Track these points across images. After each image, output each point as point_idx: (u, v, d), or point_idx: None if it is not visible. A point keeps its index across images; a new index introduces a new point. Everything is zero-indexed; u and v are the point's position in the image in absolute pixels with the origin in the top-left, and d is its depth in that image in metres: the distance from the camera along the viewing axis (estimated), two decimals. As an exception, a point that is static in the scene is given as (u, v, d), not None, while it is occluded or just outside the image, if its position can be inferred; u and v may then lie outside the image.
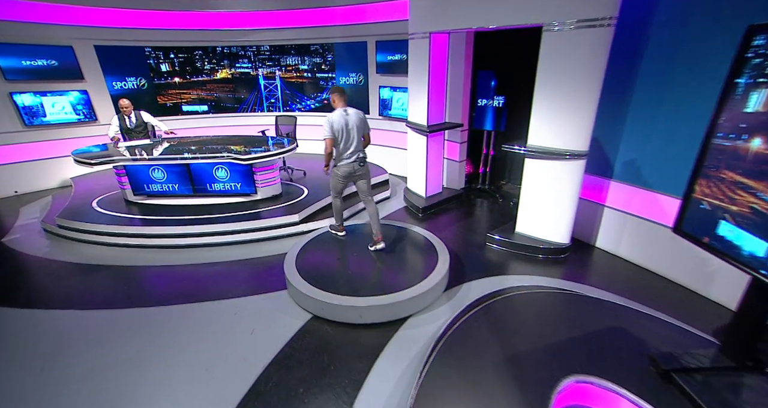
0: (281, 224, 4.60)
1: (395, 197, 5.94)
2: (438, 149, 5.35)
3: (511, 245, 4.24)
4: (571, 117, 3.47)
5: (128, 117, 5.47)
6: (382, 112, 6.71)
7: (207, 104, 7.51)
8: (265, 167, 4.91)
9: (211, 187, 4.99)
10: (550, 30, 3.34)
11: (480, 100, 5.38)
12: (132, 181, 4.90)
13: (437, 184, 5.62)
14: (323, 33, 6.74)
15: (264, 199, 5.09)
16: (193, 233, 4.41)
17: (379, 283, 3.36)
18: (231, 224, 4.48)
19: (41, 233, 4.74)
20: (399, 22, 5.87)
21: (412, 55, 5.03)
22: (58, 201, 5.46)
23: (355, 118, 3.68)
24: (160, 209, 4.85)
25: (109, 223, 4.45)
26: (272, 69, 7.23)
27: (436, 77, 4.81)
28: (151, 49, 6.82)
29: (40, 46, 5.98)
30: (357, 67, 6.74)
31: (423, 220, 5.13)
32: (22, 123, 6.10)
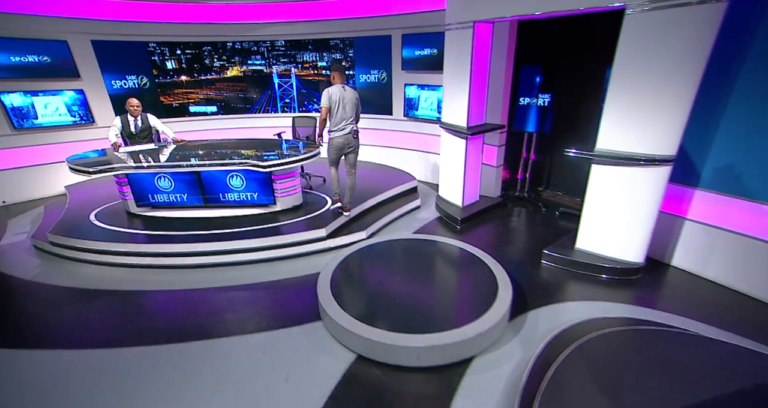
0: (306, 240, 4.10)
1: (426, 207, 5.45)
2: (477, 153, 4.86)
3: (570, 263, 3.75)
4: (658, 116, 2.98)
5: (134, 119, 4.95)
6: (407, 113, 6.22)
7: (216, 105, 7.02)
8: (286, 174, 4.41)
9: (224, 197, 4.48)
10: (636, 11, 2.85)
11: (522, 99, 4.90)
12: (135, 190, 4.39)
13: (474, 192, 5.12)
14: (342, 26, 6.26)
15: (284, 210, 4.58)
16: (205, 251, 3.91)
17: (435, 314, 2.85)
18: (249, 240, 3.97)
19: (31, 251, 4.22)
20: (429, 13, 5.41)
21: (449, 49, 4.55)
22: (51, 213, 4.95)
23: (351, 95, 4.20)
24: (166, 223, 4.34)
25: (109, 240, 3.93)
26: (287, 66, 6.75)
27: (478, 73, 4.33)
28: (155, 44, 6.32)
29: (31, 41, 5.48)
30: (379, 63, 6.26)
31: (461, 232, 4.63)
32: (11, 126, 5.59)
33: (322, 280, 3.27)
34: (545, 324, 2.98)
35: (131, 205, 4.49)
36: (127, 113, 4.92)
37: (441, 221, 4.98)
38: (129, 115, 4.92)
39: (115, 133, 4.89)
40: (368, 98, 6.59)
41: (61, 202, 5.41)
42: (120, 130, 4.97)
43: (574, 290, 3.45)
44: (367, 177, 5.86)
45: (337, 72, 4.18)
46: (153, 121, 5.10)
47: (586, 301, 3.26)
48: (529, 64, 4.77)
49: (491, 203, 5.16)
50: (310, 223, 4.30)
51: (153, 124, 5.09)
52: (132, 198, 4.44)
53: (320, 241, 4.17)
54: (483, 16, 3.94)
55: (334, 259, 3.62)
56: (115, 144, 4.80)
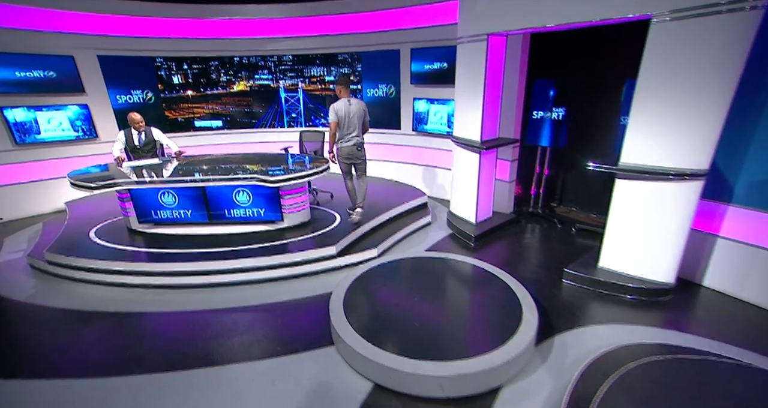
0: (316, 258, 3.93)
1: (437, 223, 5.29)
2: (490, 168, 4.73)
3: (594, 283, 3.56)
4: (689, 128, 2.86)
5: (138, 133, 4.86)
6: (416, 127, 6.14)
7: (222, 119, 6.96)
8: (294, 190, 4.27)
9: (230, 213, 4.34)
10: (662, 21, 2.76)
11: (535, 113, 4.81)
12: (137, 206, 4.25)
13: (488, 208, 4.98)
14: (350, 41, 6.25)
15: (291, 227, 4.43)
16: (209, 270, 3.73)
17: (457, 339, 2.66)
18: (255, 259, 3.80)
19: (26, 270, 4.05)
20: (439, 28, 5.38)
21: (461, 62, 4.49)
22: (50, 230, 4.79)
23: (357, 108, 4.34)
24: (169, 240, 4.18)
25: (109, 258, 3.76)
26: (294, 81, 6.70)
27: (492, 86, 4.25)
28: (162, 59, 6.30)
29: (36, 56, 5.45)
30: (387, 77, 6.22)
31: (476, 250, 4.47)
32: (13, 141, 5.50)
33: (335, 302, 3.09)
34: (575, 350, 2.78)
35: (133, 221, 4.34)
36: (131, 127, 4.83)
37: (453, 238, 4.82)
38: (132, 129, 4.83)
39: (120, 148, 4.79)
40: (376, 113, 6.50)
41: (60, 219, 5.26)
42: (124, 145, 4.87)
43: (600, 312, 3.25)
44: (375, 193, 5.73)
45: (343, 86, 4.29)
46: (157, 135, 5.00)
47: (615, 324, 3.07)
48: (542, 77, 4.70)
49: (505, 219, 5.00)
50: (318, 241, 4.13)
51: (157, 137, 5.00)
52: (134, 214, 4.29)
53: (330, 260, 4.00)
54: (497, 29, 3.88)
55: (347, 279, 3.44)
56: (118, 158, 4.69)
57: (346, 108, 4.24)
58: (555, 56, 4.80)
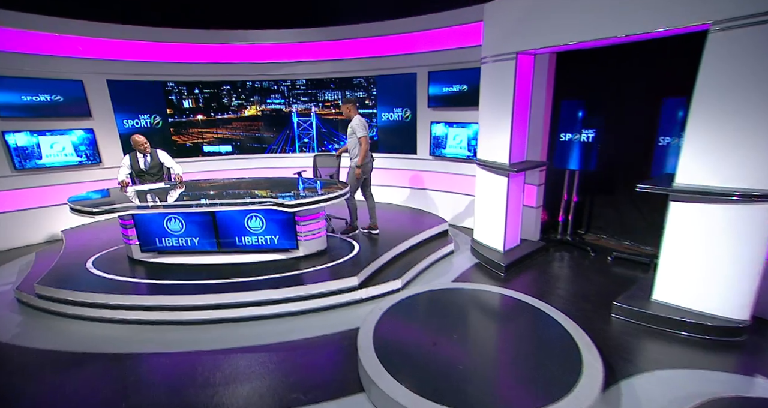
0: (336, 290, 3.57)
1: (459, 251, 4.96)
2: (519, 193, 4.48)
3: (649, 318, 3.20)
4: (755, 144, 2.62)
5: (144, 156, 4.65)
6: (433, 152, 5.94)
7: (231, 144, 6.79)
8: (311, 215, 3.99)
9: (241, 240, 4.02)
10: (721, 30, 2.59)
11: (563, 135, 4.62)
12: (141, 233, 3.94)
13: (515, 236, 4.67)
14: (365, 65, 6.19)
15: (307, 256, 4.10)
16: (218, 304, 3.38)
17: (512, 386, 2.28)
18: (269, 291, 3.45)
19: (13, 305, 3.66)
20: (458, 50, 5.30)
21: (486, 83, 4.35)
22: (43, 260, 4.45)
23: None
24: (174, 270, 3.84)
25: (106, 291, 3.41)
26: (308, 105, 6.58)
27: (520, 107, 4.07)
28: (173, 83, 6.20)
29: (45, 80, 5.33)
30: (403, 101, 6.10)
31: (507, 280, 4.12)
32: (12, 166, 5.26)
33: (363, 340, 2.73)
34: (651, 402, 2.38)
35: (135, 250, 4.01)
36: (135, 150, 4.62)
37: (480, 268, 4.48)
38: (137, 152, 4.62)
39: (125, 173, 4.57)
40: (391, 137, 6.38)
41: (55, 249, 4.92)
42: (129, 169, 4.64)
43: (663, 353, 2.88)
44: (393, 220, 5.45)
45: (354, 104, 4.48)
46: (163, 158, 4.81)
47: (688, 369, 2.68)
48: (569, 98, 4.54)
49: (534, 247, 4.68)
50: (337, 271, 3.80)
51: (163, 160, 4.79)
52: (137, 242, 3.97)
53: (351, 292, 3.64)
54: (528, 47, 3.74)
55: (373, 314, 3.09)
56: (122, 183, 4.44)
57: (366, 123, 4.48)
58: (583, 76, 4.67)
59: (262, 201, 3.67)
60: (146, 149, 4.62)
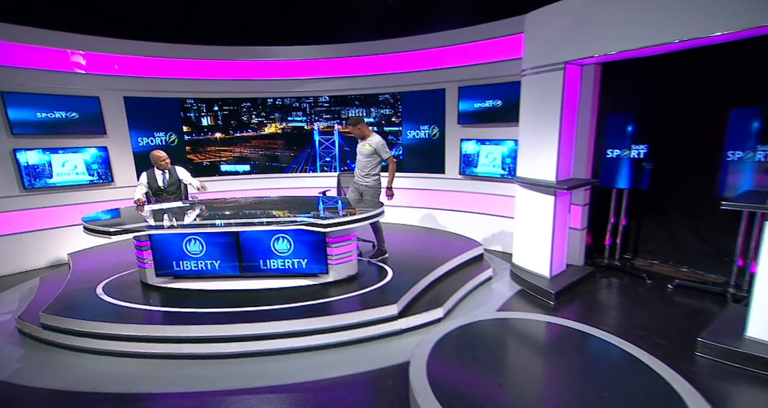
0: (373, 320, 3.26)
1: (497, 277, 4.64)
2: (565, 213, 4.21)
3: (743, 359, 2.82)
4: None
5: (163, 173, 4.47)
6: (463, 171, 5.73)
7: (250, 163, 6.64)
8: (343, 237, 3.72)
9: (266, 264, 3.75)
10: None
11: (610, 151, 4.39)
12: (157, 256, 3.69)
13: (561, 260, 4.37)
14: (390, 81, 6.10)
15: (337, 281, 3.80)
16: (243, 336, 3.06)
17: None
18: (299, 321, 3.14)
19: (13, 337, 3.35)
20: (490, 64, 5.19)
21: (527, 96, 4.18)
22: (48, 286, 4.18)
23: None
24: (192, 297, 3.55)
25: (120, 321, 3.11)
26: (330, 123, 6.45)
27: (567, 120, 3.88)
28: (193, 100, 6.12)
29: (61, 97, 5.25)
30: (430, 118, 5.96)
31: (557, 309, 3.79)
32: (21, 186, 5.09)
33: (417, 379, 2.39)
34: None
35: (149, 274, 3.74)
36: (153, 167, 4.45)
37: (525, 295, 4.15)
38: (156, 169, 4.45)
39: (142, 192, 4.38)
40: (417, 156, 6.21)
41: (61, 274, 4.67)
42: (147, 187, 4.45)
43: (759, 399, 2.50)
44: (424, 244, 5.19)
45: (365, 123, 4.45)
46: (182, 174, 4.65)
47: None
48: (616, 111, 4.35)
49: (582, 273, 4.35)
50: (372, 299, 3.50)
51: (181, 177, 4.63)
52: (152, 265, 3.71)
53: (390, 322, 3.32)
54: (578, 56, 3.57)
55: (422, 348, 2.75)
56: (138, 201, 4.23)
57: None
58: (631, 88, 4.48)
59: (293, 220, 3.41)
60: (167, 165, 4.45)
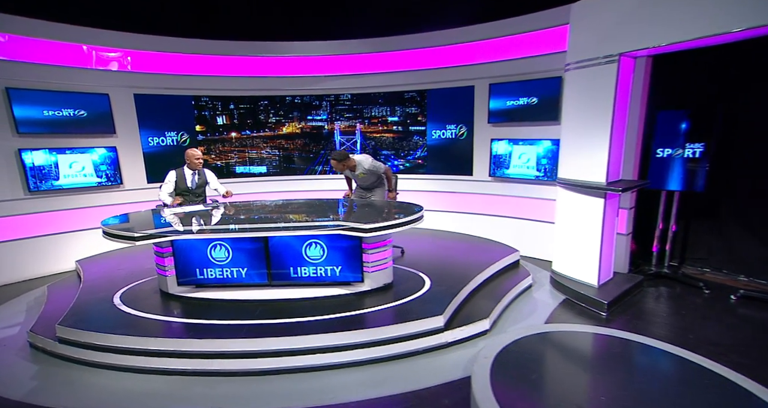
0: (417, 333, 3.07)
1: (537, 286, 4.46)
2: (613, 217, 4.04)
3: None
4: None
5: (193, 173, 4.33)
6: (494, 172, 5.56)
7: (266, 165, 6.51)
8: (380, 242, 3.55)
9: (297, 272, 3.58)
10: None
11: (660, 150, 4.23)
12: (180, 263, 3.52)
13: (609, 268, 4.18)
14: (415, 78, 5.97)
15: (373, 290, 3.62)
16: (278, 351, 2.88)
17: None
18: (337, 335, 2.96)
19: (24, 352, 3.16)
20: (525, 60, 5.06)
21: (572, 92, 4.04)
22: (58, 296, 4.01)
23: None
24: (218, 308, 3.38)
25: (142, 334, 2.93)
26: (352, 122, 6.30)
27: (619, 117, 3.72)
28: (207, 98, 5.99)
29: (68, 94, 5.10)
30: (457, 117, 5.82)
31: (610, 320, 3.61)
32: (26, 188, 4.93)
33: (484, 402, 2.20)
34: None
35: (170, 282, 3.56)
36: (183, 166, 4.30)
37: (571, 306, 3.97)
38: (186, 168, 4.30)
39: (169, 192, 4.23)
40: (443, 157, 6.07)
41: (69, 282, 4.51)
42: (173, 188, 4.32)
43: None
44: (455, 249, 5.02)
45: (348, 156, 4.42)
46: (210, 177, 4.53)
47: None
48: (667, 107, 4.19)
49: (632, 282, 4.17)
50: (413, 310, 3.32)
51: (209, 180, 4.51)
52: (173, 273, 3.53)
53: (434, 335, 3.14)
54: (637, 46, 3.40)
55: (481, 366, 2.56)
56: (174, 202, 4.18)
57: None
58: (685, 83, 4.30)
59: (333, 224, 3.24)
60: (200, 165, 4.33)
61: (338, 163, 4.32)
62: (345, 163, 4.34)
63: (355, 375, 2.86)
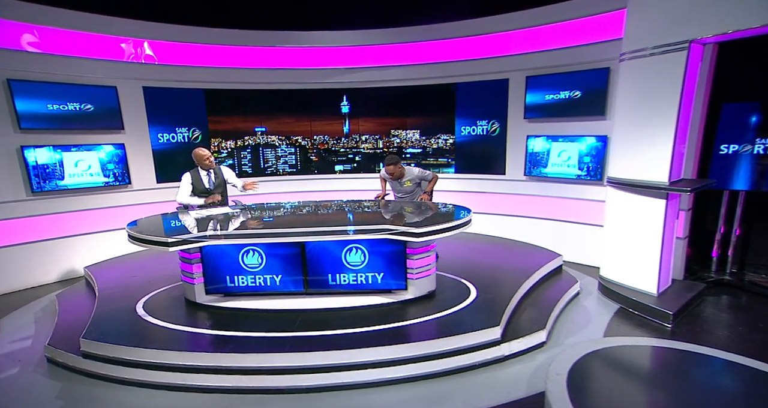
0: (473, 346, 2.97)
1: (585, 293, 4.37)
2: (674, 219, 3.93)
3: None
4: None
5: (208, 173, 4.24)
6: (530, 171, 5.48)
7: (282, 163, 6.48)
8: (425, 247, 3.45)
9: (335, 279, 3.48)
10: None
11: (724, 147, 4.15)
12: (209, 270, 3.41)
13: (667, 275, 4.09)
14: (443, 71, 5.89)
15: (417, 299, 3.52)
16: (322, 366, 2.77)
17: None
18: (387, 348, 2.86)
19: (43, 368, 3.03)
20: (567, 50, 5.00)
21: (627, 84, 3.96)
22: (70, 306, 3.90)
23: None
24: (253, 318, 3.27)
25: (175, 348, 2.82)
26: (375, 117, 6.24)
27: (684, 110, 3.62)
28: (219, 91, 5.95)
29: (74, 86, 5.01)
30: (489, 112, 5.74)
31: (677, 333, 3.50)
32: (29, 189, 4.82)
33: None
34: None
35: (198, 291, 3.45)
36: (197, 167, 4.21)
37: (627, 315, 3.87)
38: (200, 169, 4.21)
39: (187, 193, 4.13)
40: (472, 155, 6.02)
41: (78, 290, 4.41)
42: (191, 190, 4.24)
43: None
44: (494, 254, 4.96)
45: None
46: (227, 174, 4.44)
47: None
48: (735, 99, 4.09)
49: (694, 290, 4.06)
50: (464, 320, 3.23)
51: (227, 177, 4.41)
52: (201, 281, 3.42)
53: (490, 348, 3.03)
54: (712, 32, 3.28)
55: (555, 384, 2.46)
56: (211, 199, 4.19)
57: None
58: (755, 73, 4.19)
59: (378, 228, 3.13)
60: (211, 164, 4.22)
61: (395, 168, 4.35)
62: (399, 166, 4.39)
63: (410, 392, 2.77)
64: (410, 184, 4.54)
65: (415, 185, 4.58)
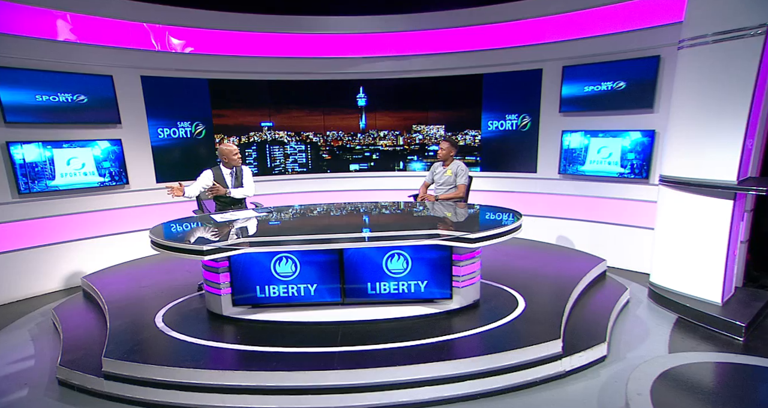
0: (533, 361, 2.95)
1: (635, 301, 4.38)
2: (739, 222, 3.96)
3: None
4: None
5: (231, 171, 4.19)
6: (564, 169, 5.49)
7: (292, 162, 6.50)
8: (472, 253, 3.43)
9: (375, 288, 3.44)
10: None
11: (790, 140, 4.16)
12: (238, 279, 3.34)
13: (731, 282, 4.11)
14: (469, 60, 5.92)
15: (463, 309, 3.50)
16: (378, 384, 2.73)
17: None
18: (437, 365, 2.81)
19: (55, 392, 2.91)
20: (610, 37, 5.03)
21: (687, 73, 3.95)
22: (72, 321, 3.80)
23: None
24: (289, 332, 3.21)
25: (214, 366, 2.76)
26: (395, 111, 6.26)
27: (757, 100, 3.62)
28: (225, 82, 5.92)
29: (66, 75, 4.92)
30: (519, 105, 5.78)
31: (751, 348, 3.47)
32: (15, 190, 4.70)
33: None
34: None
35: (225, 302, 3.38)
36: (219, 164, 4.15)
37: (688, 327, 3.86)
38: (223, 166, 4.15)
39: (200, 188, 4.07)
40: (500, 152, 6.06)
41: (77, 303, 4.31)
42: (206, 186, 4.21)
43: None
44: (531, 259, 4.95)
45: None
46: (246, 177, 4.38)
47: None
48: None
49: (762, 299, 4.08)
50: (519, 332, 3.22)
51: (245, 180, 4.39)
52: (229, 291, 3.35)
53: (550, 362, 3.01)
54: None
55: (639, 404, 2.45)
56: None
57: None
58: None
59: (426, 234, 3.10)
60: (239, 160, 4.20)
61: (451, 147, 4.86)
62: (451, 151, 4.87)
63: (470, 412, 2.74)
64: (450, 175, 4.86)
65: (453, 178, 4.87)
